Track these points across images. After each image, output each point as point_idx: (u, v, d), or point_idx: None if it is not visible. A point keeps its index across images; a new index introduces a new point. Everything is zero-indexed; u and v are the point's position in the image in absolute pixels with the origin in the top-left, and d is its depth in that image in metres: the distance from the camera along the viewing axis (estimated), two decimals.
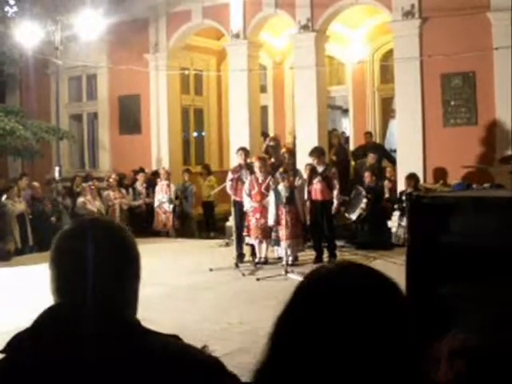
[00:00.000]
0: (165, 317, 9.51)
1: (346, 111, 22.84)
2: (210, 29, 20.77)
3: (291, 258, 14.06)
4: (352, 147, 21.10)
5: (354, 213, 16.20)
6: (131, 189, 20.12)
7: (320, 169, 14.67)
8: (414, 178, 15.79)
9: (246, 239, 14.86)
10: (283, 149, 17.23)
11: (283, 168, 14.44)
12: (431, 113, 16.76)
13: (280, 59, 22.81)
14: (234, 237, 14.84)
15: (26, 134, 19.55)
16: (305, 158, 15.97)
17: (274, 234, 14.28)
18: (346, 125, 23.09)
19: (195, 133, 23.35)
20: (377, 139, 20.79)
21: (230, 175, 15.05)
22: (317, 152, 14.92)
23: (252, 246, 14.93)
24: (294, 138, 19.65)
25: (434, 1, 16.49)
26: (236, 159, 15.88)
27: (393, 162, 18.07)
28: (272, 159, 16.68)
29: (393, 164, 17.95)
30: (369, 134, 20.15)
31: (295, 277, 11.78)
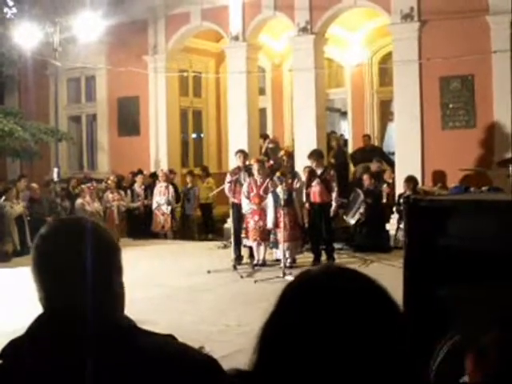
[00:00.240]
0: (163, 318, 9.52)
1: (345, 114, 22.84)
2: (209, 31, 20.78)
3: (289, 261, 14.05)
4: (350, 150, 21.10)
5: (353, 217, 16.18)
6: (129, 190, 20.11)
7: (319, 171, 14.67)
8: (413, 181, 15.79)
9: (244, 241, 14.86)
10: (282, 151, 17.24)
11: (281, 171, 14.45)
12: (430, 116, 16.76)
13: (279, 61, 22.83)
14: (232, 239, 14.84)
15: (25, 136, 19.57)
16: (303, 161, 15.98)
17: (273, 237, 14.29)
18: (345, 127, 23.09)
19: (194, 135, 23.37)
20: (375, 142, 20.81)
21: (229, 177, 15.06)
22: (315, 155, 14.93)
23: (250, 248, 14.94)
24: (293, 141, 19.65)
25: (433, 4, 16.50)
26: (234, 161, 15.88)
27: (391, 165, 18.07)
28: (271, 161, 16.69)
29: (391, 167, 17.95)
30: (367, 137, 20.15)
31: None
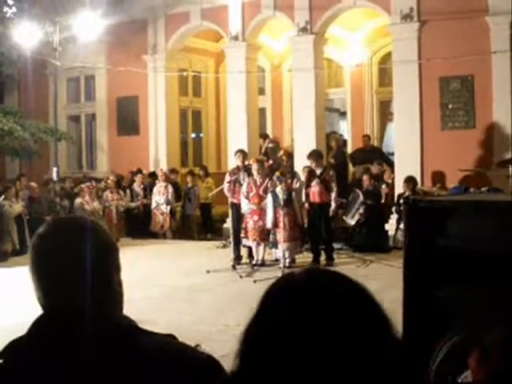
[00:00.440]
0: (162, 318, 9.51)
1: (344, 114, 22.83)
2: (209, 31, 20.78)
3: (288, 261, 14.05)
4: (350, 150, 21.08)
5: (353, 218, 16.16)
6: (129, 190, 20.10)
7: (318, 171, 14.67)
8: (413, 181, 15.79)
9: (244, 241, 14.85)
10: (281, 151, 17.24)
11: (280, 171, 14.43)
12: (429, 116, 16.76)
13: (278, 62, 22.82)
14: (232, 239, 14.85)
15: (25, 135, 19.57)
16: (302, 161, 15.97)
17: (272, 237, 14.28)
18: (344, 127, 23.07)
19: (193, 134, 23.36)
20: (375, 142, 20.80)
21: (228, 177, 15.05)
22: (315, 155, 14.93)
23: (249, 248, 14.93)
24: (292, 141, 19.64)
25: (433, 4, 16.50)
26: (234, 161, 15.87)
27: (391, 165, 18.06)
28: (270, 161, 16.69)
29: (391, 167, 17.94)
30: (367, 137, 20.13)
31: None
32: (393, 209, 16.38)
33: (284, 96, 22.80)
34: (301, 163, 16.39)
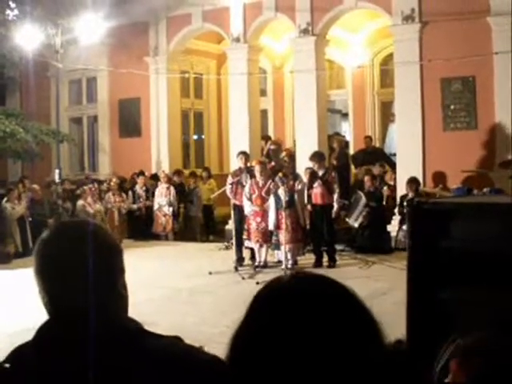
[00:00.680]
0: (164, 320, 9.51)
1: (346, 115, 22.83)
2: (210, 32, 20.80)
3: (291, 262, 14.04)
4: (352, 151, 21.08)
5: (356, 221, 16.11)
6: (131, 192, 20.10)
7: (320, 173, 14.66)
8: (415, 183, 15.80)
9: (246, 243, 14.84)
10: (283, 153, 17.23)
11: (282, 172, 14.42)
12: (431, 117, 16.76)
13: (280, 63, 22.83)
14: (234, 240, 14.85)
15: (27, 137, 19.60)
16: (304, 162, 15.97)
17: (275, 238, 14.26)
18: (346, 129, 23.08)
19: (195, 136, 23.38)
20: (376, 143, 20.80)
21: (230, 179, 15.06)
22: (317, 156, 14.92)
23: (251, 250, 14.92)
24: (294, 142, 19.64)
25: (435, 5, 16.50)
26: (236, 163, 15.87)
27: (392, 167, 18.05)
28: (272, 163, 16.68)
29: (392, 168, 17.94)
30: (369, 139, 20.14)
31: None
32: (395, 210, 16.38)
33: (286, 97, 22.81)
34: (303, 165, 16.38)
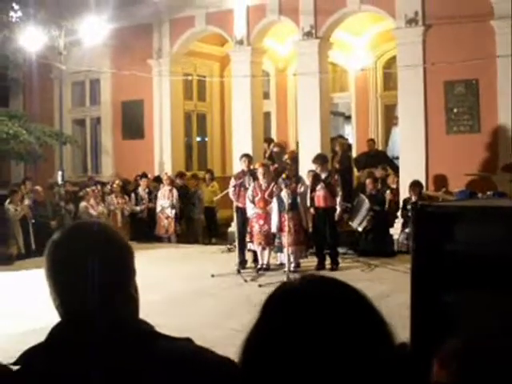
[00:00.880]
0: (167, 322, 9.45)
1: (349, 118, 22.84)
2: (214, 35, 20.81)
3: (293, 265, 14.03)
4: (355, 154, 21.07)
5: (361, 225, 16.07)
6: (133, 194, 20.10)
7: (323, 175, 14.65)
8: (419, 186, 15.80)
9: (249, 245, 14.83)
10: (286, 155, 17.23)
11: (285, 174, 14.40)
12: (434, 120, 16.76)
13: (283, 66, 22.84)
14: (237, 243, 14.84)
15: (30, 139, 19.61)
16: (307, 165, 15.97)
17: (277, 241, 14.25)
18: (349, 131, 23.09)
19: (198, 138, 23.39)
20: (379, 146, 20.79)
21: (233, 181, 15.05)
22: (320, 159, 14.91)
23: (254, 253, 14.91)
24: (297, 144, 19.64)
25: (438, 8, 16.50)
26: (239, 165, 15.87)
27: (395, 170, 18.05)
28: (275, 165, 16.68)
29: (395, 171, 17.93)
30: (372, 142, 20.14)
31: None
32: (398, 213, 16.37)
33: (289, 100, 22.80)
34: (306, 167, 16.39)
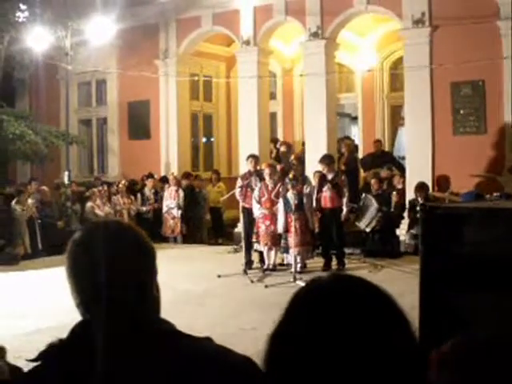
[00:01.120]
0: (175, 322, 9.47)
1: (355, 119, 22.83)
2: (220, 35, 20.82)
3: (300, 266, 14.03)
4: (361, 155, 21.04)
5: (369, 226, 15.98)
6: (140, 194, 20.12)
7: (330, 176, 14.65)
8: (425, 188, 15.79)
9: (255, 246, 14.83)
10: (292, 156, 17.22)
11: (292, 174, 14.40)
12: (440, 121, 16.75)
13: (289, 66, 22.83)
14: (243, 243, 14.85)
15: (36, 139, 19.64)
16: (314, 165, 15.97)
17: (283, 242, 14.24)
18: (355, 132, 23.08)
19: (204, 139, 23.39)
20: (386, 147, 20.76)
21: (240, 182, 15.05)
22: (327, 159, 14.91)
23: (260, 253, 14.92)
24: (303, 145, 19.62)
25: (445, 9, 16.49)
26: (245, 166, 15.87)
27: (401, 170, 18.02)
28: (282, 164, 16.67)
29: (401, 172, 17.90)
30: (379, 142, 20.09)
31: (304, 284, 11.72)
32: (404, 214, 16.34)
33: (295, 101, 22.79)
34: (312, 168, 16.38)
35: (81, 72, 21.19)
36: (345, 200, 14.57)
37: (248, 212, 14.73)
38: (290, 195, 13.91)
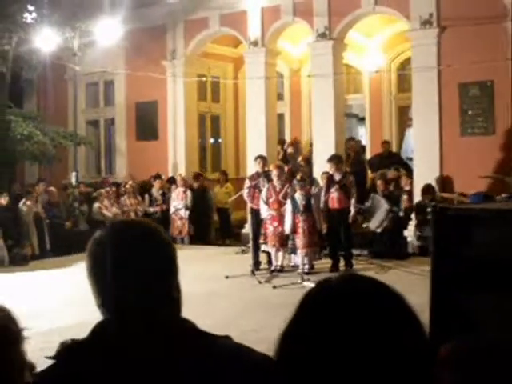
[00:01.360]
0: None
1: (363, 119, 22.81)
2: (228, 36, 20.82)
3: (307, 267, 14.02)
4: (368, 156, 21.01)
5: (380, 226, 15.88)
6: (147, 195, 20.13)
7: (337, 177, 14.64)
8: (431, 190, 15.77)
9: (263, 246, 14.83)
10: (300, 157, 17.21)
11: (300, 176, 14.40)
12: (448, 122, 16.71)
13: (297, 67, 22.82)
14: (251, 244, 14.84)
15: (44, 140, 19.68)
16: (322, 166, 15.96)
17: (291, 243, 14.22)
18: (363, 133, 23.06)
19: (212, 139, 23.39)
20: (393, 148, 20.73)
21: (248, 183, 15.05)
22: (336, 159, 14.92)
23: (268, 254, 14.91)
24: (311, 146, 19.60)
25: (453, 10, 16.47)
26: (252, 167, 15.87)
27: (409, 171, 17.99)
28: (289, 165, 16.66)
29: (409, 173, 17.86)
30: (386, 144, 20.05)
31: (311, 285, 11.67)
32: (412, 215, 16.29)
33: (303, 101, 22.77)
34: (320, 169, 16.36)
35: (89, 73, 21.21)
36: (353, 201, 14.56)
37: (256, 213, 14.73)
38: (298, 196, 13.92)
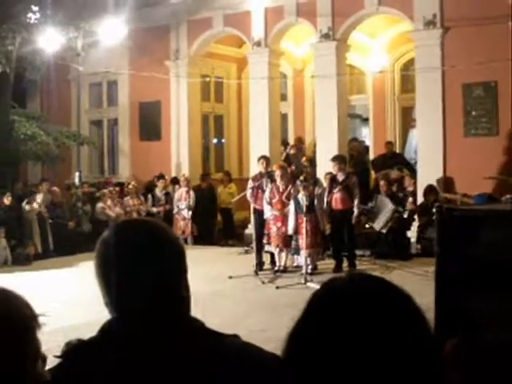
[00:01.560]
0: None
1: (366, 120, 22.79)
2: (231, 36, 20.81)
3: (311, 267, 14.01)
4: (372, 156, 20.99)
5: (385, 227, 15.84)
6: (150, 195, 20.13)
7: (340, 177, 14.63)
8: (434, 192, 15.75)
9: (266, 247, 14.83)
10: (304, 157, 17.20)
11: (303, 176, 14.40)
12: (452, 123, 16.70)
13: (300, 67, 22.80)
14: (254, 245, 14.84)
15: (47, 140, 19.69)
16: (325, 167, 15.95)
17: (294, 243, 14.23)
18: (366, 134, 23.05)
19: (215, 140, 23.39)
20: (397, 149, 20.71)
21: (251, 183, 15.04)
22: (339, 159, 14.93)
23: (271, 254, 14.91)
24: (314, 147, 19.59)
25: (456, 10, 16.45)
26: (256, 167, 15.86)
27: (412, 172, 17.98)
28: (292, 167, 16.65)
29: (413, 173, 17.85)
30: (390, 144, 20.03)
31: (314, 285, 11.72)
32: (415, 216, 16.28)
33: (306, 102, 22.76)
34: (323, 169, 16.36)
35: (92, 73, 21.22)
36: (356, 201, 14.56)
37: (259, 213, 14.72)
38: (301, 197, 13.91)
